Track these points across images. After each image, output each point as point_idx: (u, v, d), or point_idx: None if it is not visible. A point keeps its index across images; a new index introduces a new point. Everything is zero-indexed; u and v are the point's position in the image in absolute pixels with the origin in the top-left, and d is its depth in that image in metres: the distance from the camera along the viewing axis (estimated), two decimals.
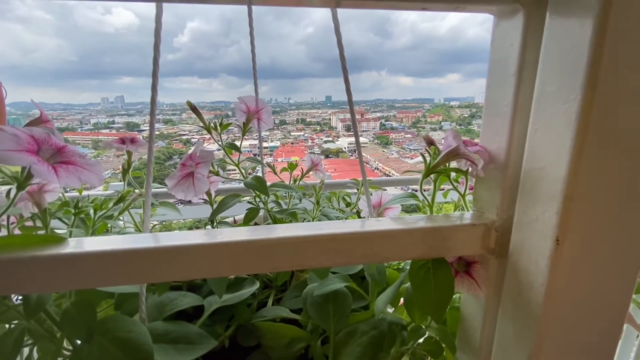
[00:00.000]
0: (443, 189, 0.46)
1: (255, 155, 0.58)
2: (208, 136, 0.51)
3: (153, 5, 0.31)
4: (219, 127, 0.51)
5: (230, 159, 0.52)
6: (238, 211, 0.54)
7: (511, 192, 0.31)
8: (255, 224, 0.65)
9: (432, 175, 0.36)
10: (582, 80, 0.23)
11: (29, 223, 0.38)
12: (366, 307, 0.43)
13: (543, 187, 0.27)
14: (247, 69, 0.49)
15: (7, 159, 0.25)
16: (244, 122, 0.52)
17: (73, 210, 0.39)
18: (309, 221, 0.47)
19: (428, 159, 0.36)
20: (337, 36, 0.32)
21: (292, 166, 0.65)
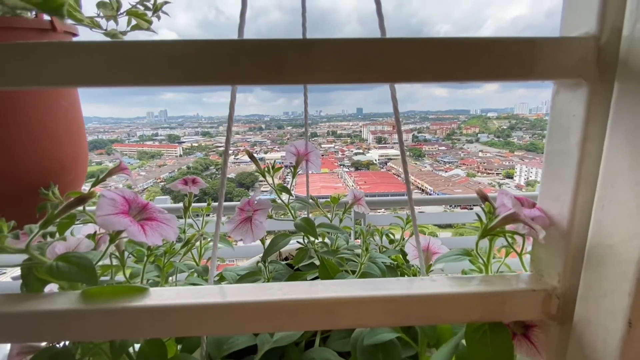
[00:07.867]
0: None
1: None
2: (242, 147, 0.55)
3: (195, 25, 0.28)
4: (271, 170, 0.54)
5: (280, 199, 0.55)
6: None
7: (574, 261, 0.30)
8: (286, 258, 0.67)
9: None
10: None
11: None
12: (414, 356, 0.43)
13: (612, 265, 0.26)
14: None
15: (108, 223, 0.29)
16: (294, 165, 0.55)
17: (146, 252, 0.43)
18: (356, 267, 0.48)
19: (483, 217, 0.36)
20: (393, 102, 0.34)
21: (334, 200, 0.67)
